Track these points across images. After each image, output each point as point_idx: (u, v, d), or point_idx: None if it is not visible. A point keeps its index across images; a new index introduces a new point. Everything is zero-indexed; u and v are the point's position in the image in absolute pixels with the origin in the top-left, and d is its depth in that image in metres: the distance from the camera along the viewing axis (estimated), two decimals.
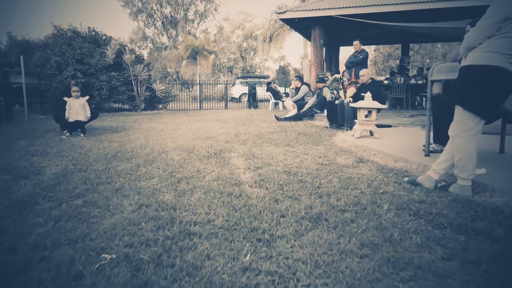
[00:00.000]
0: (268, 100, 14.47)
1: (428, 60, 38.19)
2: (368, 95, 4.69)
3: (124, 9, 34.01)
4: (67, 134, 5.38)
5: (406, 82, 9.53)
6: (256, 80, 20.70)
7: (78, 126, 5.50)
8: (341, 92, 6.93)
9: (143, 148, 4.26)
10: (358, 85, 6.50)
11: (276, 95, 12.63)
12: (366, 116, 4.64)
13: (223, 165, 3.37)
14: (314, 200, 2.37)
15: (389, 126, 5.77)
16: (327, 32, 9.99)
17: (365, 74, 5.81)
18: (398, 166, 3.27)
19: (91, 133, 5.85)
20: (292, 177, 2.94)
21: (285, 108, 10.56)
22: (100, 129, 6.44)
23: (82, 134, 5.45)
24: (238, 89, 20.22)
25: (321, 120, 7.74)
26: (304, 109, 8.20)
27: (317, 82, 8.33)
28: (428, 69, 11.97)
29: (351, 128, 5.95)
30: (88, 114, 5.48)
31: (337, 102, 6.66)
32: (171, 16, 34.79)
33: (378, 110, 4.84)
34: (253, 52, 37.23)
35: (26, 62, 18.11)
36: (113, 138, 5.18)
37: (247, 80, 20.27)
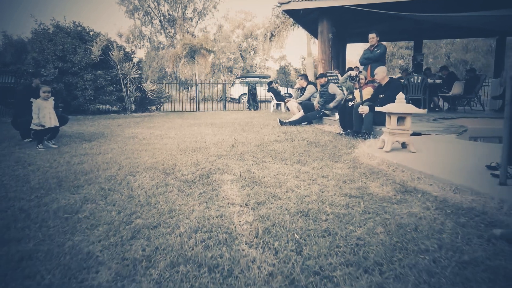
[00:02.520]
0: (269, 101, 13.47)
1: (431, 60, 37.10)
2: (400, 96, 3.66)
3: (120, 7, 32.96)
4: (41, 146, 4.32)
5: (424, 81, 8.47)
6: (257, 79, 19.64)
7: (52, 133, 4.57)
8: (356, 93, 5.88)
9: (107, 167, 3.22)
10: (376, 84, 5.50)
11: (278, 96, 11.61)
12: (397, 123, 3.62)
13: (210, 199, 2.34)
14: (359, 281, 1.35)
15: (419, 134, 4.74)
16: (335, 26, 8.92)
17: (379, 73, 4.87)
18: (466, 201, 2.24)
19: (60, 141, 4.83)
20: (312, 223, 1.92)
21: (288, 110, 9.54)
22: (73, 137, 5.42)
23: (53, 142, 4.53)
24: (238, 89, 19.19)
25: (331, 124, 6.71)
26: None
27: (317, 78, 7.27)
28: (444, 67, 10.94)
29: (370, 137, 4.93)
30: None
31: (350, 104, 5.64)
32: (169, 14, 33.75)
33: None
34: (253, 51, 36.19)
35: (21, 62, 17.23)
36: (79, 150, 4.15)
37: (247, 80, 19.21)
